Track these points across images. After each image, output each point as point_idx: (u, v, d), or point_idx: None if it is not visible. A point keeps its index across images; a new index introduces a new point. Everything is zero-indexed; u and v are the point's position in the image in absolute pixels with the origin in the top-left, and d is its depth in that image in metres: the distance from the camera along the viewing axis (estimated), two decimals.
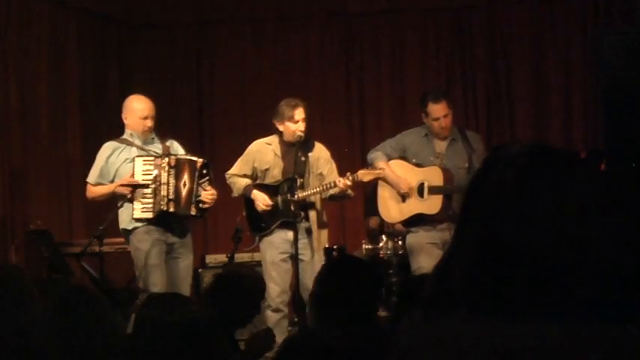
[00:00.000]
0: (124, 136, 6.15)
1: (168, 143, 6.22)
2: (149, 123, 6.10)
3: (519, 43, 8.63)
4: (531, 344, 1.20)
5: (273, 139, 6.36)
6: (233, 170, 6.44)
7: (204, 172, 6.10)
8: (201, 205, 6.06)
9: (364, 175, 6.13)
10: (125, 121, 6.15)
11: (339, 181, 6.10)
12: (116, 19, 8.70)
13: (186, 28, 9.04)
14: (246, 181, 6.38)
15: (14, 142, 7.23)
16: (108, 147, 6.12)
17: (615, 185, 1.31)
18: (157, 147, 6.16)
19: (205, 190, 6.07)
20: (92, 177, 6.10)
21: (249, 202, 6.36)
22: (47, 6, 7.71)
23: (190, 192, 6.01)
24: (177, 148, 6.26)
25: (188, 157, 6.14)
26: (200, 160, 6.10)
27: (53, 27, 7.75)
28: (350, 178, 6.09)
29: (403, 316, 1.38)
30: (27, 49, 7.44)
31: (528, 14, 8.66)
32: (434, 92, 6.53)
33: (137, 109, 6.11)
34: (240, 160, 6.45)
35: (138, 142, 6.10)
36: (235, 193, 6.44)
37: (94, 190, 6.12)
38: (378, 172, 6.19)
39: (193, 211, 6.04)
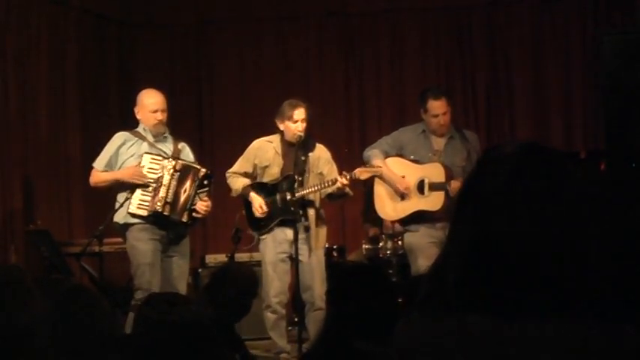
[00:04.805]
0: (138, 130, 6.15)
1: (180, 146, 6.22)
2: (159, 116, 6.10)
3: (519, 43, 8.63)
4: (525, 344, 1.21)
5: (275, 138, 6.37)
6: (234, 168, 6.44)
7: (205, 182, 6.10)
8: (194, 214, 6.06)
9: (362, 172, 6.10)
10: (138, 116, 6.17)
11: (338, 179, 6.09)
12: (116, 19, 8.70)
13: (186, 28, 9.05)
14: (245, 182, 6.37)
15: (14, 141, 7.23)
16: (120, 137, 6.12)
17: (615, 185, 1.32)
18: (168, 147, 6.15)
19: (202, 200, 6.08)
20: (100, 164, 6.08)
21: (248, 201, 6.36)
22: (47, 6, 7.72)
23: (188, 199, 6.02)
24: (188, 154, 6.25)
25: (192, 165, 6.13)
26: (203, 170, 6.10)
27: (53, 27, 7.76)
28: (347, 176, 6.07)
29: (402, 317, 1.38)
30: (27, 49, 7.45)
31: (528, 14, 8.67)
32: (434, 89, 6.52)
33: (147, 103, 6.13)
34: (241, 158, 6.45)
35: (150, 137, 6.10)
36: (234, 193, 6.45)
37: (99, 176, 6.10)
38: (375, 169, 6.16)
39: (185, 218, 6.03)
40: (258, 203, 6.25)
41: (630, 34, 6.88)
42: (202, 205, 6.06)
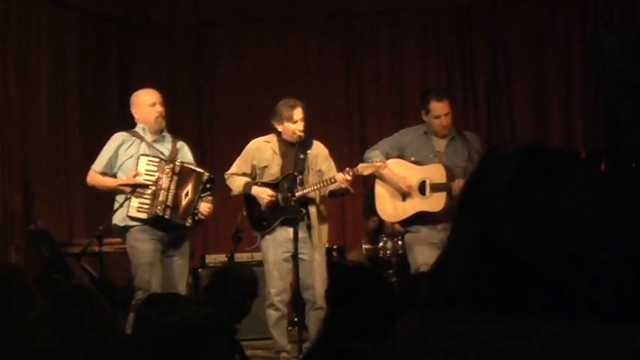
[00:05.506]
0: (136, 130, 6.14)
1: (178, 145, 6.20)
2: (159, 108, 6.09)
3: (519, 43, 8.64)
4: (528, 344, 1.21)
5: (272, 138, 6.36)
6: (232, 169, 6.43)
7: (208, 186, 6.09)
8: (197, 217, 6.05)
9: (364, 168, 6.09)
10: (135, 116, 6.14)
11: (338, 177, 6.08)
12: (116, 19, 8.71)
13: (187, 28, 9.05)
14: (245, 179, 6.36)
15: (14, 142, 7.23)
16: (118, 137, 6.11)
17: (615, 185, 1.31)
18: (166, 147, 6.13)
19: (204, 202, 6.07)
20: (99, 165, 6.07)
21: (249, 201, 6.35)
22: (47, 6, 7.72)
23: (191, 203, 6.01)
24: (187, 153, 6.23)
25: (195, 168, 6.12)
26: (206, 174, 6.09)
27: (53, 27, 7.76)
28: (349, 172, 6.06)
29: (401, 316, 1.38)
30: (27, 49, 7.45)
31: (528, 14, 8.67)
32: (436, 90, 6.50)
33: (144, 99, 6.12)
34: (238, 159, 6.45)
35: (149, 137, 6.09)
36: (235, 192, 6.42)
37: (97, 179, 6.07)
38: (378, 165, 6.15)
39: (189, 222, 6.02)
40: (263, 191, 6.24)
41: (630, 34, 6.88)
42: (205, 207, 6.06)
